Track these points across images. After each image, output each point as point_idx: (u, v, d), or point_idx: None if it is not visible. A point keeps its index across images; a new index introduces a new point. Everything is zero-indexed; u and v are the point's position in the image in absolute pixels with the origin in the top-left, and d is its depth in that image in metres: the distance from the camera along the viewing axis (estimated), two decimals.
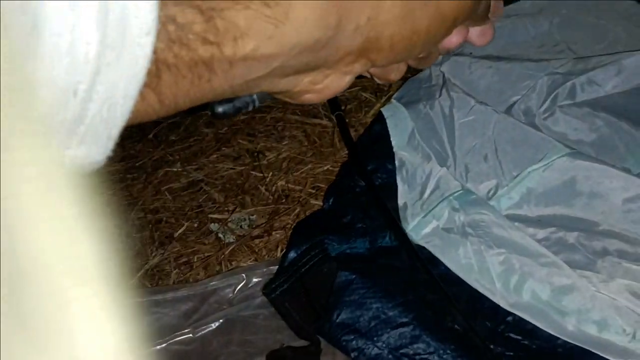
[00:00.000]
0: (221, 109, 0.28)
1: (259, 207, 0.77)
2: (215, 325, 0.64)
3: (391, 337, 0.56)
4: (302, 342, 0.61)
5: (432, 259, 0.63)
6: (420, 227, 0.66)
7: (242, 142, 0.85)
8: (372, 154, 0.75)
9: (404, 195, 0.69)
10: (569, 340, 0.55)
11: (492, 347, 0.55)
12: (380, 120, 0.78)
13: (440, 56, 0.35)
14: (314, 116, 0.86)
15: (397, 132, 0.75)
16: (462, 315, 0.56)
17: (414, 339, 0.55)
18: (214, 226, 0.75)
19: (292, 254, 0.66)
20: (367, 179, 0.72)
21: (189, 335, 0.64)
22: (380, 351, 0.56)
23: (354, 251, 0.65)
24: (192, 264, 0.72)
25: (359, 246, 0.66)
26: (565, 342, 0.55)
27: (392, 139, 0.75)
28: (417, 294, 0.60)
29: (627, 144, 0.69)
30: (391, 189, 0.71)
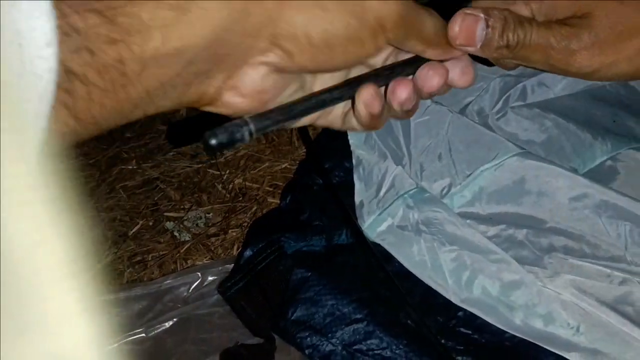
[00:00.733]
0: (214, 140, 0.24)
1: (216, 205, 0.76)
2: (169, 324, 0.64)
3: (345, 333, 0.56)
4: (258, 340, 0.61)
5: (387, 256, 0.64)
6: (376, 225, 0.67)
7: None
8: (329, 152, 0.75)
9: (361, 193, 0.70)
10: (516, 333, 0.56)
11: (443, 341, 0.56)
12: None
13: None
14: None
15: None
16: (415, 311, 0.57)
17: (368, 335, 0.56)
18: (170, 224, 0.74)
19: (248, 252, 0.66)
20: (324, 177, 0.72)
21: (142, 334, 0.63)
22: (334, 347, 0.56)
23: (310, 249, 0.66)
24: (147, 262, 0.71)
25: (316, 244, 0.66)
26: (512, 335, 0.57)
27: (349, 137, 0.75)
28: (371, 290, 0.60)
29: (574, 144, 0.71)
30: (348, 187, 0.71)
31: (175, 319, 0.64)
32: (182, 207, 0.76)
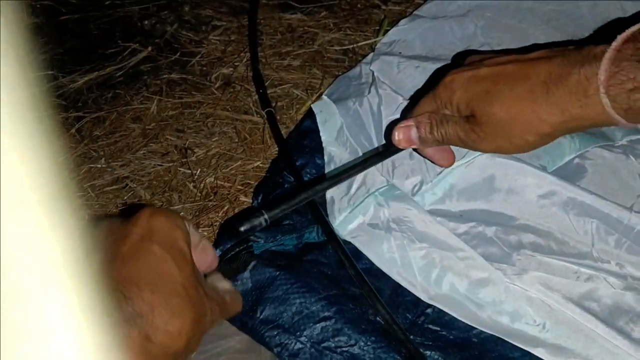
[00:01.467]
0: (243, 228, 0.46)
1: (187, 204, 0.75)
2: None
3: (314, 331, 0.56)
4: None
5: (357, 254, 0.64)
6: (346, 223, 0.67)
7: (171, 138, 0.83)
8: (301, 149, 0.75)
9: (332, 190, 0.70)
10: (484, 329, 0.57)
11: (411, 337, 0.56)
12: (310, 115, 0.78)
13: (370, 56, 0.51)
14: (244, 112, 0.86)
15: (326, 128, 0.75)
16: (384, 308, 0.57)
17: (336, 332, 0.56)
18: None
19: (218, 252, 0.65)
20: (295, 174, 0.72)
21: None
22: (302, 346, 0.56)
23: (280, 248, 0.65)
24: None
25: (286, 243, 0.66)
26: (480, 331, 0.57)
27: (321, 134, 0.75)
28: (340, 288, 0.60)
29: None
30: None
31: None
32: (152, 206, 0.75)
